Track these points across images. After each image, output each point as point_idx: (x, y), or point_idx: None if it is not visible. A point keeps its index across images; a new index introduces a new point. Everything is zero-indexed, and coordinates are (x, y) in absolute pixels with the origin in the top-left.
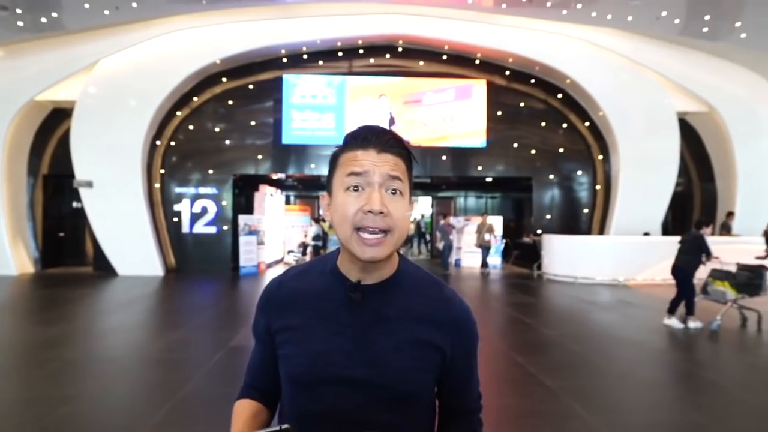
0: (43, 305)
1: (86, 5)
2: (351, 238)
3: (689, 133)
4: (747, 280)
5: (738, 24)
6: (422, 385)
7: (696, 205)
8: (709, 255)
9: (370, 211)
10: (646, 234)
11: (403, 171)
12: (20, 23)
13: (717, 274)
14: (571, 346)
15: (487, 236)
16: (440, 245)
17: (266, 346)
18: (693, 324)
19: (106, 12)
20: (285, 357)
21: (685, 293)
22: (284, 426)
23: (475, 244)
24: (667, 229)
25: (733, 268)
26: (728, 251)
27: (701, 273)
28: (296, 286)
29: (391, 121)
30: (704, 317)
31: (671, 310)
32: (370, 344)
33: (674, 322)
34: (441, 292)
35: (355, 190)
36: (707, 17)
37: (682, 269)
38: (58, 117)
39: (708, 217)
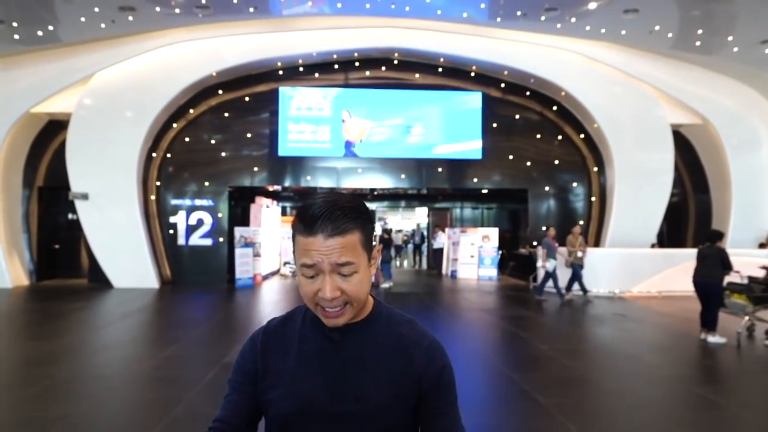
0: (38, 319)
1: (82, 19)
2: (316, 310)
3: (683, 145)
4: (761, 292)
5: (730, 38)
6: (401, 418)
7: (691, 216)
8: (731, 269)
9: (322, 298)
10: (653, 246)
11: (354, 248)
12: (16, 36)
13: (734, 287)
14: (565, 362)
15: (579, 253)
16: (547, 266)
17: (245, 395)
18: (713, 339)
19: (102, 25)
20: (271, 401)
21: (718, 307)
22: None
23: (566, 263)
24: (662, 240)
25: (745, 281)
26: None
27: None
28: (279, 332)
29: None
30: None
31: (713, 327)
32: (350, 381)
33: (718, 339)
34: (412, 329)
35: (311, 277)
36: (700, 31)
37: (716, 284)
38: (53, 129)
39: (705, 227)
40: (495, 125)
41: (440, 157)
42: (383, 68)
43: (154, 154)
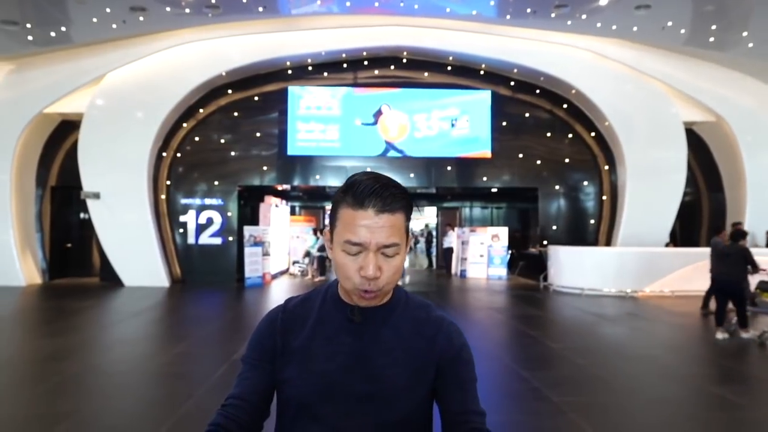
0: (50, 317)
1: (94, 19)
2: (352, 292)
3: (697, 143)
4: None
5: (745, 34)
6: (418, 400)
7: (704, 214)
8: (756, 268)
9: (364, 276)
10: (668, 245)
11: (400, 228)
12: (30, 37)
13: (765, 286)
14: (576, 360)
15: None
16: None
17: (264, 372)
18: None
19: (114, 26)
20: (288, 379)
21: (744, 305)
22: None
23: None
24: (675, 240)
25: None
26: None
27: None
28: (299, 312)
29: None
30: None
31: (743, 324)
32: (369, 362)
33: (750, 334)
34: (431, 313)
35: (353, 254)
36: (713, 27)
37: (739, 282)
38: (66, 129)
39: (719, 227)
40: (504, 124)
41: (449, 155)
42: (392, 67)
43: (164, 154)
